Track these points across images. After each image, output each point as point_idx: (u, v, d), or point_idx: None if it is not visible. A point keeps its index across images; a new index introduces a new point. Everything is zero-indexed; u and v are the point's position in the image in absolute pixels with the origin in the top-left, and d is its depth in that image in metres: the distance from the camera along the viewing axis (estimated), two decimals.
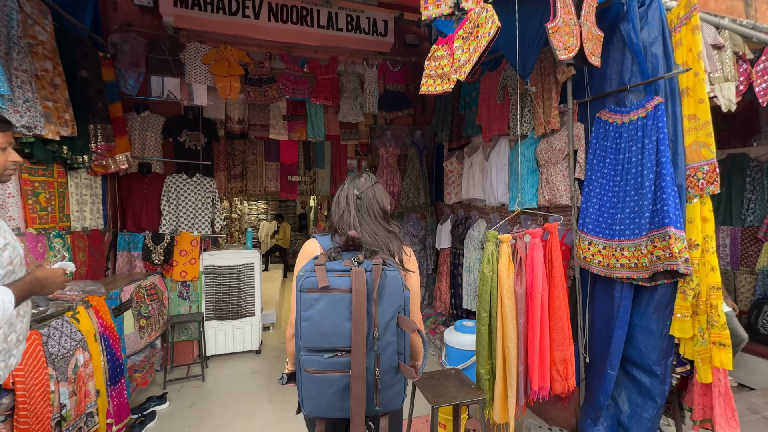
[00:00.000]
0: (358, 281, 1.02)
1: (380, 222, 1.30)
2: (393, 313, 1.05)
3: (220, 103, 4.10)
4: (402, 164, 4.51)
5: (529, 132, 2.78)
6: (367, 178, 1.37)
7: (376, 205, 1.31)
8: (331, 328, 1.03)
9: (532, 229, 1.80)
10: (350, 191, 1.33)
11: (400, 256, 1.25)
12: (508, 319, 1.76)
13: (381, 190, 1.36)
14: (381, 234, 1.25)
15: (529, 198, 2.75)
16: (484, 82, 3.40)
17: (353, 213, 1.29)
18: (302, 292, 1.05)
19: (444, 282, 4.11)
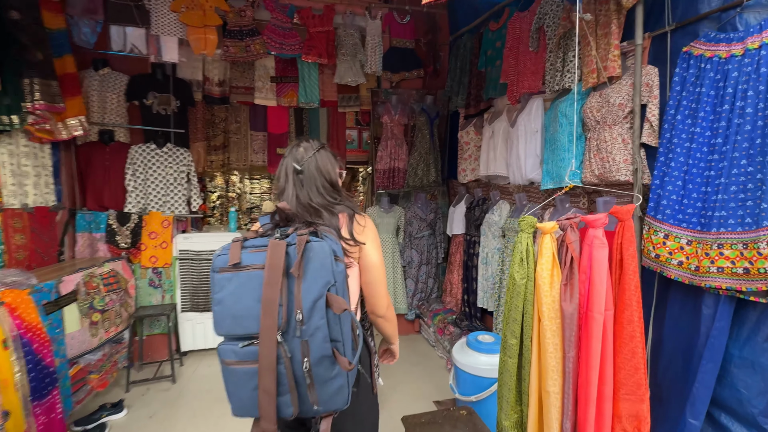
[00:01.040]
0: (273, 255, 0.89)
1: (326, 195, 1.12)
2: (320, 292, 0.89)
3: (196, 62, 3.50)
4: (409, 135, 3.85)
5: (573, 85, 2.09)
6: (307, 147, 1.16)
7: (320, 178, 1.13)
8: (244, 310, 0.90)
9: (592, 215, 1.17)
10: (289, 164, 1.14)
11: (350, 228, 1.09)
12: (548, 350, 1.16)
13: (325, 158, 1.17)
14: (321, 204, 1.10)
15: (570, 173, 2.09)
16: (513, 26, 2.68)
17: (291, 189, 1.12)
18: (214, 272, 0.93)
19: (456, 274, 3.51)
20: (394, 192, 3.85)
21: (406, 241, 3.78)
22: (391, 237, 3.73)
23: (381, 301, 1.15)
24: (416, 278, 3.82)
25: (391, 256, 3.71)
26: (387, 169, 3.75)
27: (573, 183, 2.08)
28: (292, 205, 1.09)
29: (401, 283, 3.77)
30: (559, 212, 2.26)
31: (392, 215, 3.72)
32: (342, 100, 3.89)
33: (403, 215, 3.76)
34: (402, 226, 3.78)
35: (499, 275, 2.74)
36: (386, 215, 3.70)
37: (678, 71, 1.54)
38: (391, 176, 3.76)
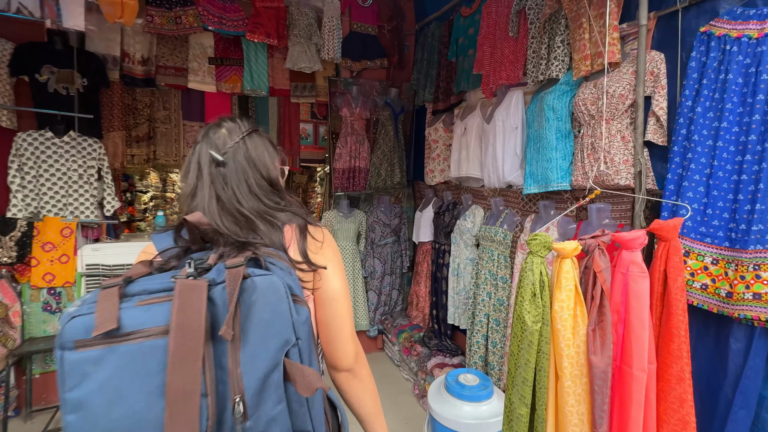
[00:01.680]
0: (184, 307, 0.51)
1: (263, 198, 0.73)
2: (273, 360, 0.55)
3: (113, 33, 2.86)
4: (372, 131, 3.47)
5: (561, 74, 1.82)
6: (232, 128, 0.77)
7: (253, 173, 0.73)
8: (130, 419, 0.50)
9: (628, 234, 0.86)
10: (203, 153, 0.74)
11: (302, 246, 0.71)
12: (572, 422, 0.83)
13: (260, 146, 0.77)
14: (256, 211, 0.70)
15: (557, 175, 1.81)
16: (488, 11, 2.39)
17: (208, 190, 0.71)
18: (65, 351, 0.50)
19: (423, 286, 3.18)
20: (354, 194, 3.44)
21: (368, 249, 3.39)
22: (351, 244, 3.31)
23: (346, 348, 0.77)
24: (379, 290, 3.44)
25: (351, 266, 3.29)
26: (346, 168, 3.33)
27: (557, 188, 1.81)
28: (210, 216, 0.70)
29: (362, 295, 3.37)
30: (543, 220, 1.98)
31: (352, 220, 3.31)
32: (295, 89, 3.41)
33: (364, 220, 3.37)
34: (363, 232, 3.38)
35: (473, 290, 2.43)
36: (345, 220, 3.28)
37: (695, 56, 1.29)
38: (351, 176, 3.35)
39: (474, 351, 2.35)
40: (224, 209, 0.69)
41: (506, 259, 2.25)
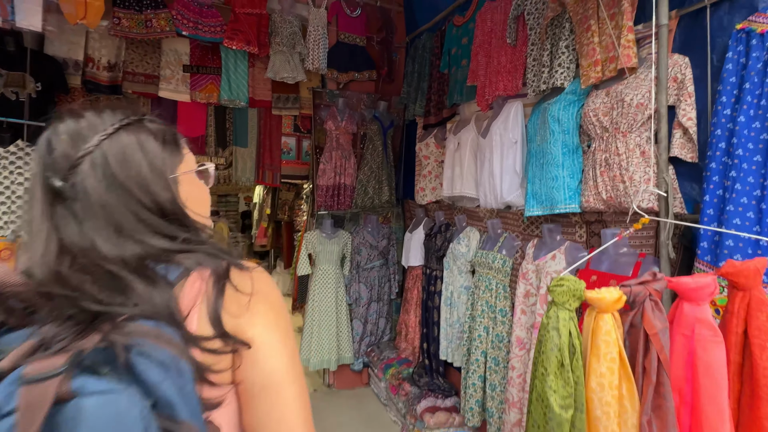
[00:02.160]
0: None
1: (143, 237, 0.47)
2: None
3: (76, 35, 2.63)
4: (359, 146, 3.25)
5: (567, 82, 1.62)
6: (83, 127, 0.50)
7: (124, 198, 0.48)
8: None
9: (691, 279, 0.62)
10: (36, 175, 0.49)
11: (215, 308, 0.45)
12: None
13: (134, 149, 0.50)
14: (129, 264, 0.44)
15: (564, 195, 1.58)
16: (482, 18, 2.22)
17: (43, 235, 0.46)
18: None
19: (412, 315, 2.89)
20: (339, 213, 3.18)
21: (353, 274, 3.10)
22: (334, 268, 3.03)
23: None
24: (365, 318, 3.13)
25: (334, 292, 3.00)
26: (331, 185, 3.08)
27: (565, 209, 1.57)
28: (43, 270, 0.44)
29: (346, 325, 3.07)
30: (548, 246, 1.74)
31: (336, 241, 3.04)
32: (278, 100, 3.20)
33: (349, 241, 3.10)
34: (348, 254, 3.11)
35: (468, 323, 2.16)
36: (329, 241, 3.01)
37: (731, 56, 1.10)
38: (335, 194, 3.10)
39: (470, 395, 2.06)
40: (73, 261, 0.43)
41: (505, 288, 2.00)
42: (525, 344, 1.80)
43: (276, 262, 7.22)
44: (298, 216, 6.15)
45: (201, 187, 0.61)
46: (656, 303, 0.66)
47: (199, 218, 0.57)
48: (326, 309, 2.96)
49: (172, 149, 0.55)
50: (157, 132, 0.54)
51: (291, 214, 6.32)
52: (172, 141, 0.56)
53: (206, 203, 0.61)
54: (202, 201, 0.60)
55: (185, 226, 0.52)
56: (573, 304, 0.68)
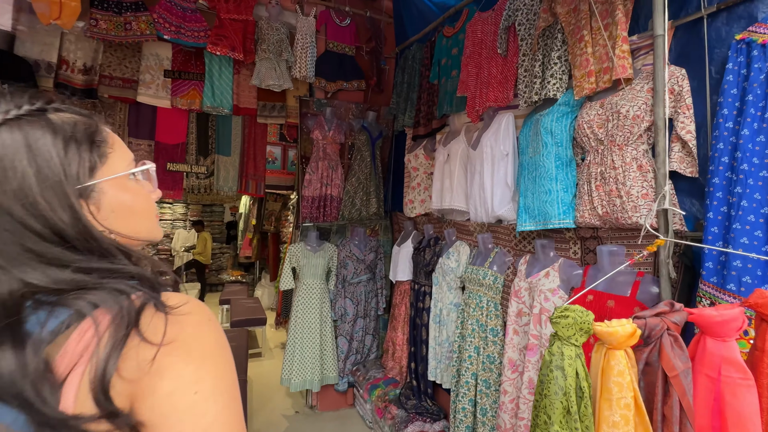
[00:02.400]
0: None
1: (19, 261, 0.36)
2: None
3: (50, 36, 2.51)
4: (346, 157, 3.16)
5: (559, 93, 1.57)
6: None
7: (6, 214, 0.37)
8: None
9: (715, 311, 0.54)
10: None
11: (103, 370, 0.34)
12: None
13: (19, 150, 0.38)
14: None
15: (558, 210, 1.51)
16: (473, 29, 2.19)
17: None
18: None
19: (400, 332, 2.77)
20: (325, 225, 3.07)
21: (339, 288, 2.98)
22: (319, 283, 2.90)
23: None
24: (350, 336, 3.00)
25: (318, 308, 2.86)
26: (317, 196, 2.98)
27: (558, 224, 1.50)
28: None
29: (331, 343, 2.92)
30: (541, 263, 1.67)
31: (321, 255, 2.92)
32: (263, 108, 3.10)
33: (335, 255, 2.98)
34: (334, 268, 2.99)
35: (458, 342, 2.05)
36: (313, 255, 2.89)
37: (731, 68, 1.05)
38: (321, 205, 3.00)
39: (459, 420, 1.94)
40: None
41: (497, 306, 1.91)
42: (517, 366, 1.70)
43: (261, 274, 7.01)
44: (285, 227, 6.00)
45: (137, 195, 0.50)
46: (675, 339, 0.57)
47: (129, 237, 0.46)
48: (310, 326, 2.82)
49: (82, 148, 0.43)
50: (62, 127, 0.42)
51: (277, 225, 6.17)
52: (85, 137, 0.44)
53: (144, 215, 0.50)
54: (139, 212, 0.49)
55: (97, 252, 0.41)
56: (580, 339, 0.59)
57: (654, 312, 0.62)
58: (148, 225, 0.51)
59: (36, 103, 0.42)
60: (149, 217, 0.51)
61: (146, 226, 0.50)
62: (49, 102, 0.44)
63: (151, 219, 0.52)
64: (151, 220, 0.52)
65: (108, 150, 0.47)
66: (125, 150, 0.50)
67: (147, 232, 0.51)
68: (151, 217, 0.52)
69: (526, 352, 1.60)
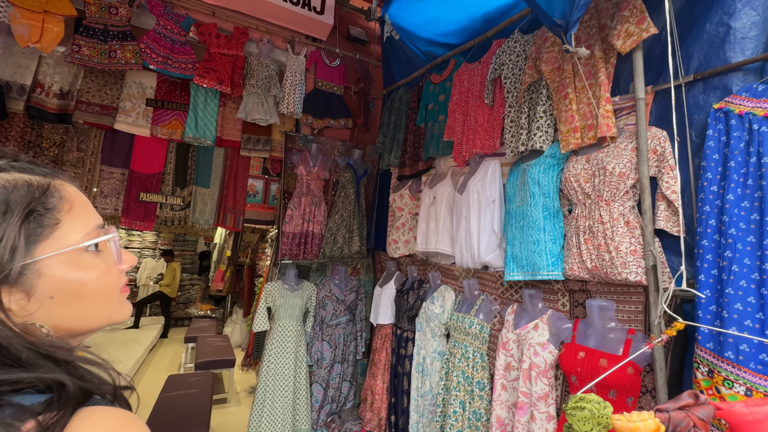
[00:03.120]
0: None
1: None
2: None
3: (26, 59, 2.42)
4: (330, 193, 3.12)
5: (546, 146, 1.60)
6: None
7: None
8: None
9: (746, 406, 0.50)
10: None
11: None
12: None
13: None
14: None
15: (546, 261, 1.50)
16: (460, 79, 2.27)
17: None
18: None
19: (380, 380, 2.62)
20: (304, 263, 2.96)
21: (316, 330, 2.82)
22: (295, 324, 2.74)
23: None
24: (326, 382, 2.81)
25: (293, 352, 2.68)
26: (298, 232, 2.89)
27: (548, 276, 1.48)
28: None
29: (305, 390, 2.72)
30: (529, 314, 1.62)
31: (299, 294, 2.78)
32: (247, 141, 3.06)
33: (314, 294, 2.85)
34: (312, 309, 2.84)
35: (443, 395, 1.94)
36: (291, 294, 2.75)
37: (712, 134, 1.09)
38: (302, 242, 2.90)
39: None
40: None
41: (483, 357, 1.83)
42: (506, 426, 1.61)
43: (233, 309, 6.65)
44: (261, 260, 5.78)
45: (93, 271, 0.42)
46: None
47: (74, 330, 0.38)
48: (283, 371, 2.62)
49: (12, 222, 0.36)
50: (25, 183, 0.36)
51: (254, 258, 5.94)
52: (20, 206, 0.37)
53: (99, 296, 0.42)
54: (89, 295, 0.41)
55: (8, 362, 0.33)
56: None
57: (677, 405, 0.57)
58: (104, 307, 0.43)
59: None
60: (107, 296, 0.43)
61: (102, 309, 0.42)
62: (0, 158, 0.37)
63: (111, 298, 0.44)
64: (109, 301, 0.43)
65: (53, 221, 0.39)
66: (86, 216, 0.43)
67: (104, 316, 0.42)
68: (110, 298, 0.44)
69: (516, 411, 1.52)
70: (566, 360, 1.35)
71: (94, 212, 0.44)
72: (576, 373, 1.32)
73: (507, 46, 1.91)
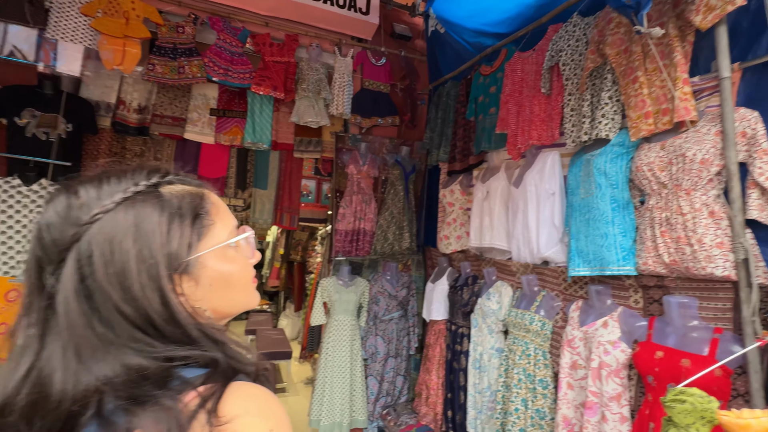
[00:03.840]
0: None
1: (101, 351, 0.36)
2: None
3: (110, 80, 2.72)
4: (380, 191, 3.18)
5: (613, 134, 1.52)
6: (93, 192, 0.41)
7: (103, 297, 0.37)
8: None
9: None
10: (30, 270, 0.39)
11: None
12: None
13: (128, 229, 0.39)
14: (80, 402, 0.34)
15: (616, 256, 1.42)
16: (512, 69, 2.20)
17: (34, 328, 0.37)
18: None
19: (434, 375, 2.63)
20: (357, 260, 3.05)
21: (370, 325, 2.90)
22: (350, 319, 2.84)
23: None
24: (381, 376, 2.88)
25: (349, 345, 2.78)
26: (350, 230, 2.98)
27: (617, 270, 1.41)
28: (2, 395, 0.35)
29: (361, 383, 2.81)
30: (596, 310, 1.55)
31: (353, 290, 2.87)
32: (300, 143, 3.20)
33: (367, 290, 2.93)
34: (365, 304, 2.93)
35: (502, 392, 1.92)
36: (345, 290, 2.85)
37: None
38: (354, 240, 2.99)
39: None
40: (29, 394, 0.32)
41: (545, 355, 1.78)
42: (573, 426, 1.56)
43: (286, 304, 6.98)
44: (312, 257, 6.02)
45: (236, 264, 0.49)
46: None
47: (225, 312, 0.45)
48: (340, 364, 2.73)
49: (183, 223, 0.43)
50: (170, 202, 0.43)
51: (304, 255, 6.20)
52: (189, 211, 0.44)
53: (241, 285, 0.49)
54: (235, 284, 0.48)
55: (179, 339, 0.39)
56: (702, 430, 0.51)
57: None
58: (244, 295, 0.50)
59: (152, 178, 0.42)
60: (246, 286, 0.50)
61: (243, 296, 0.49)
62: (165, 175, 0.44)
63: (249, 288, 0.51)
64: (247, 290, 0.51)
65: (210, 222, 0.46)
66: (228, 218, 0.50)
67: (243, 303, 0.49)
68: (248, 286, 0.51)
69: (584, 411, 1.46)
70: (642, 359, 1.28)
71: (231, 215, 0.51)
72: (653, 373, 1.25)
73: (565, 31, 1.83)
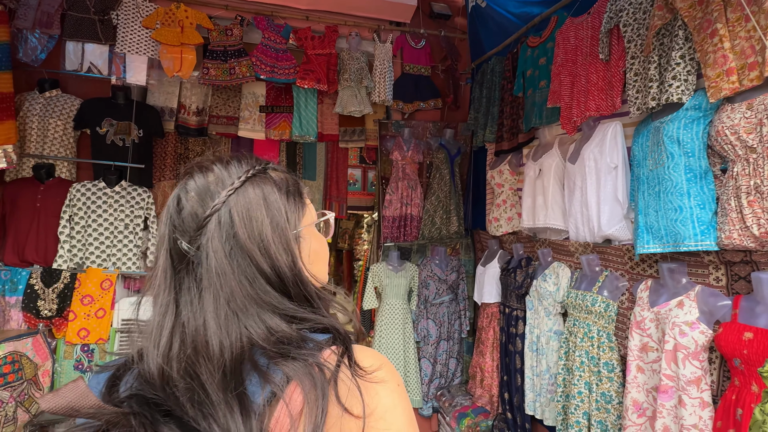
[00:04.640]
0: None
1: (247, 305, 0.41)
2: None
3: (172, 86, 2.94)
4: (425, 175, 3.16)
5: (686, 97, 1.38)
6: (223, 172, 0.46)
7: (245, 264, 0.42)
8: None
9: None
10: (166, 236, 0.45)
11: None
12: None
13: (258, 204, 0.45)
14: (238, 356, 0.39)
15: (693, 230, 1.31)
16: (564, 36, 2.06)
17: (165, 311, 0.42)
18: None
19: (488, 358, 2.62)
20: (405, 245, 3.08)
21: (421, 309, 2.94)
22: (401, 303, 2.89)
23: None
24: (434, 358, 2.92)
25: (401, 328, 2.85)
26: (397, 216, 3.01)
27: (694, 246, 1.30)
28: (154, 362, 0.41)
29: (414, 365, 2.87)
30: (669, 290, 1.45)
31: (403, 275, 2.91)
32: (344, 133, 3.26)
33: (416, 275, 2.96)
34: (415, 288, 2.96)
35: (563, 375, 1.87)
36: (395, 275, 2.90)
37: None
38: (402, 225, 3.01)
39: None
40: (183, 351, 0.37)
41: (610, 337, 1.70)
42: (645, 410, 1.48)
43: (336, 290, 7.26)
44: (358, 245, 6.18)
45: (321, 241, 0.54)
46: None
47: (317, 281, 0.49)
48: (394, 346, 2.81)
49: (295, 200, 0.49)
50: (281, 182, 0.49)
51: (351, 243, 6.38)
52: (295, 191, 0.50)
53: (324, 260, 0.54)
54: (323, 257, 0.54)
55: (303, 297, 0.44)
56: None
57: None
58: (324, 270, 0.54)
59: (258, 165, 0.47)
60: (326, 261, 0.55)
61: (324, 270, 0.54)
62: (268, 163, 0.49)
63: (326, 263, 0.55)
64: (326, 265, 0.55)
65: (305, 201, 0.51)
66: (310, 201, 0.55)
67: (323, 276, 0.54)
68: (327, 262, 0.55)
69: (658, 395, 1.39)
70: (727, 341, 1.18)
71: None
72: (741, 356, 1.15)
73: None
